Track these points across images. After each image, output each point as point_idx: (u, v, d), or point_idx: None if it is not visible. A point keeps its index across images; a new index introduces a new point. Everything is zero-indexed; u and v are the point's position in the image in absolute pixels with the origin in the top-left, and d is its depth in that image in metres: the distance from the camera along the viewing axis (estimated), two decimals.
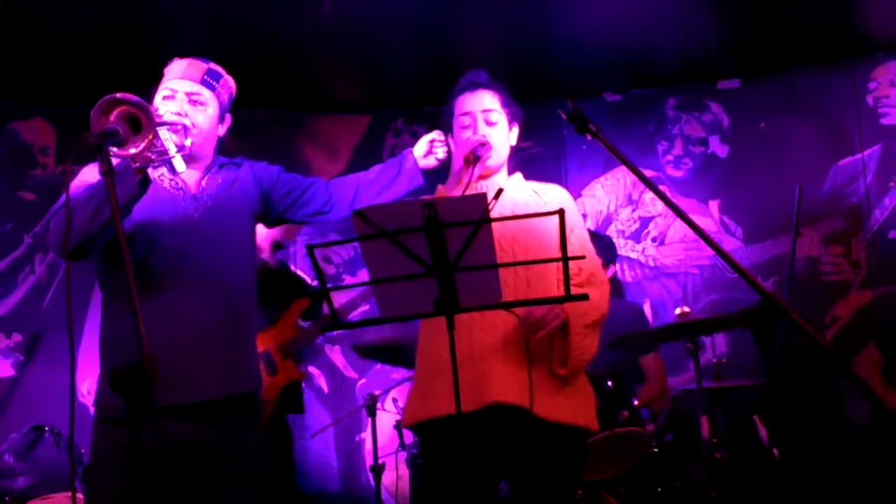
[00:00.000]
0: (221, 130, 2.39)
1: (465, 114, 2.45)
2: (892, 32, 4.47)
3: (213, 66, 2.35)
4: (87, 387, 4.29)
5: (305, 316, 3.90)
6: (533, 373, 2.23)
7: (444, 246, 1.87)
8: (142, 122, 1.97)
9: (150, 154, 2.02)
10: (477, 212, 1.86)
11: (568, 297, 1.98)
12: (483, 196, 1.87)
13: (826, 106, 4.61)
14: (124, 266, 1.72)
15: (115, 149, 1.93)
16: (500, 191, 1.92)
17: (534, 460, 2.27)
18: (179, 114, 2.24)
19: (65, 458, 3.81)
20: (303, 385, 4.09)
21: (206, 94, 2.31)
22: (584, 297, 2.01)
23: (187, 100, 2.28)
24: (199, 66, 2.33)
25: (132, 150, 1.95)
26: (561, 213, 1.88)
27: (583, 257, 2.25)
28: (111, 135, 1.89)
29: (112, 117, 1.95)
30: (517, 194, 2.46)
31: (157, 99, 2.30)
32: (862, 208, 4.49)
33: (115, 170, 1.85)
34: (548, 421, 2.24)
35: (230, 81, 2.40)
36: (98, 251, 2.15)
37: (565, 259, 1.92)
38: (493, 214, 1.89)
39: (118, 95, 1.96)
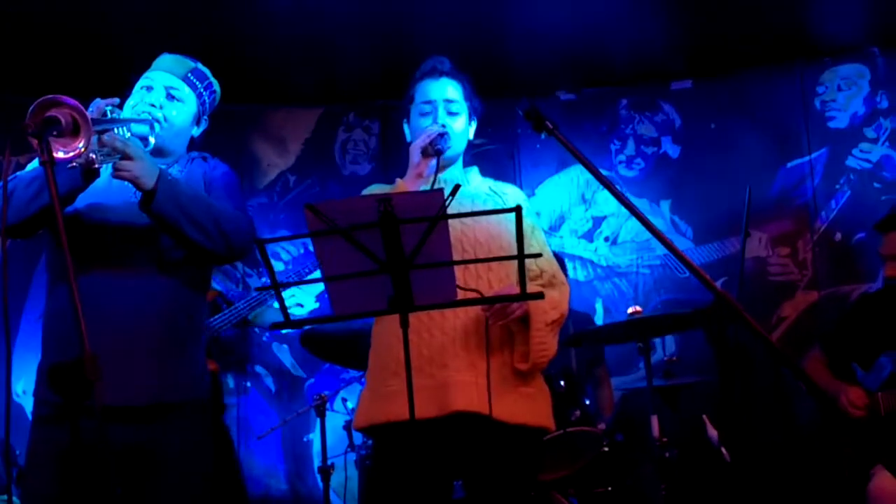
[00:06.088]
0: (196, 131, 2.38)
1: (426, 101, 2.41)
2: (839, 38, 4.56)
3: (201, 66, 2.36)
4: (23, 387, 4.14)
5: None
6: (492, 375, 2.20)
7: (398, 242, 1.82)
8: (79, 127, 1.92)
9: (91, 156, 1.99)
10: (433, 207, 1.82)
11: (524, 296, 1.96)
12: (440, 192, 1.83)
13: (775, 108, 4.68)
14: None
15: (60, 153, 1.87)
16: (456, 186, 1.87)
17: (491, 461, 2.24)
18: (153, 105, 2.23)
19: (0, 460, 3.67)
20: (222, 379, 4.03)
21: (186, 90, 2.31)
22: (540, 295, 2.01)
23: (165, 93, 2.28)
24: (185, 63, 2.34)
25: (70, 154, 1.91)
26: (518, 210, 1.86)
27: (539, 255, 2.23)
28: (52, 123, 1.84)
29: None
30: (476, 193, 2.42)
31: (136, 88, 2.29)
32: (809, 210, 4.56)
33: (56, 161, 1.81)
34: (507, 423, 2.21)
35: (215, 86, 2.39)
36: (35, 234, 2.10)
37: (521, 256, 1.89)
38: (451, 212, 1.85)
39: (58, 97, 1.90)
